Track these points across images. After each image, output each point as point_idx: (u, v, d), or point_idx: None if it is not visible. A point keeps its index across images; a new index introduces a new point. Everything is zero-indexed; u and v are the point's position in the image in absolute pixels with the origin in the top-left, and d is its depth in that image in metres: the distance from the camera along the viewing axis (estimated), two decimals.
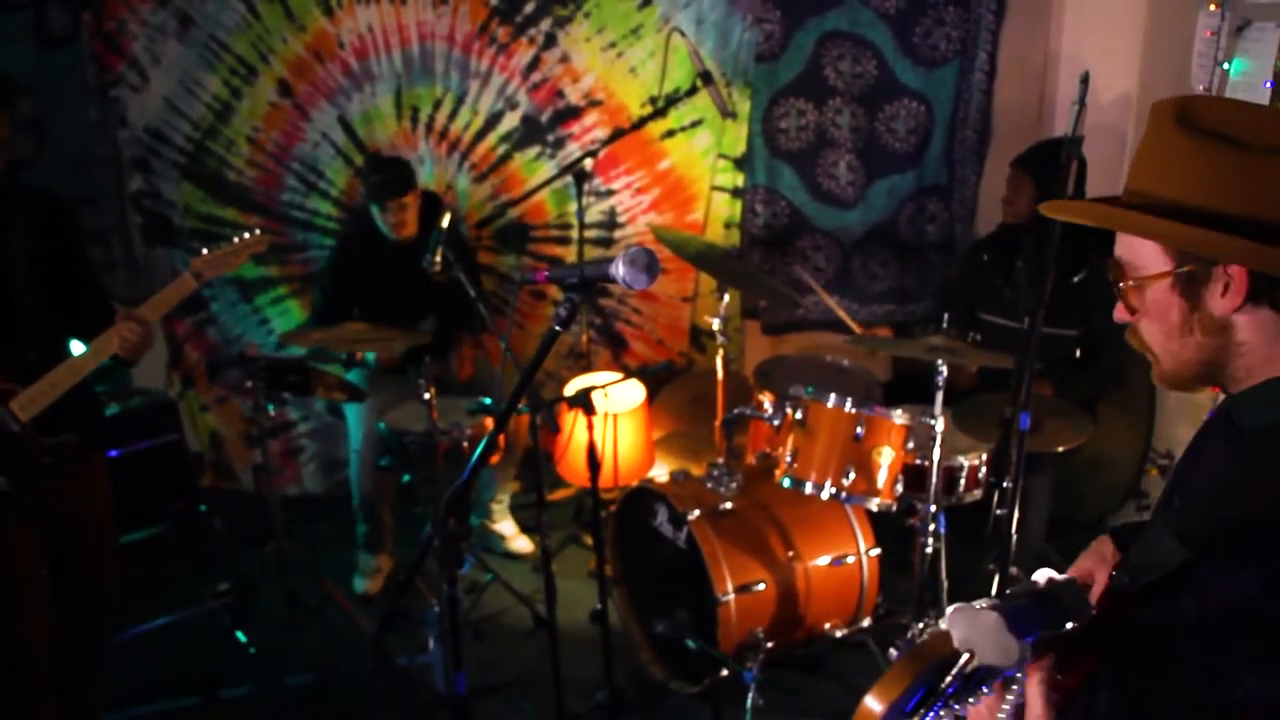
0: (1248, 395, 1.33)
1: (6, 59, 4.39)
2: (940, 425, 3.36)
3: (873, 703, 1.08)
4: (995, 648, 1.06)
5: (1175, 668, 1.24)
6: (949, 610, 1.09)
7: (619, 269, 1.80)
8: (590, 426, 3.42)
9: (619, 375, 4.19)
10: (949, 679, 1.07)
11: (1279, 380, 1.30)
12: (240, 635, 4.07)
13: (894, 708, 1.08)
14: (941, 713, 1.12)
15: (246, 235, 3.32)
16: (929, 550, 3.50)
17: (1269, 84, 3.86)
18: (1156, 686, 1.26)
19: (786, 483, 3.53)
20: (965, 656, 1.06)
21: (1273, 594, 1.15)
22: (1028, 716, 1.27)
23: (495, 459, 4.34)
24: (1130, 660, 1.30)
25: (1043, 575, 1.29)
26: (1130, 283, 1.37)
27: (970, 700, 1.12)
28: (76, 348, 2.98)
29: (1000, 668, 1.10)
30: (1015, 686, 1.16)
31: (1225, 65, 4.08)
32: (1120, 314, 1.42)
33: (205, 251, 3.24)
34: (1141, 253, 1.35)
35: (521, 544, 4.77)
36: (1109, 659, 1.32)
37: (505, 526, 4.81)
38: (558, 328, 1.91)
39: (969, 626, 1.06)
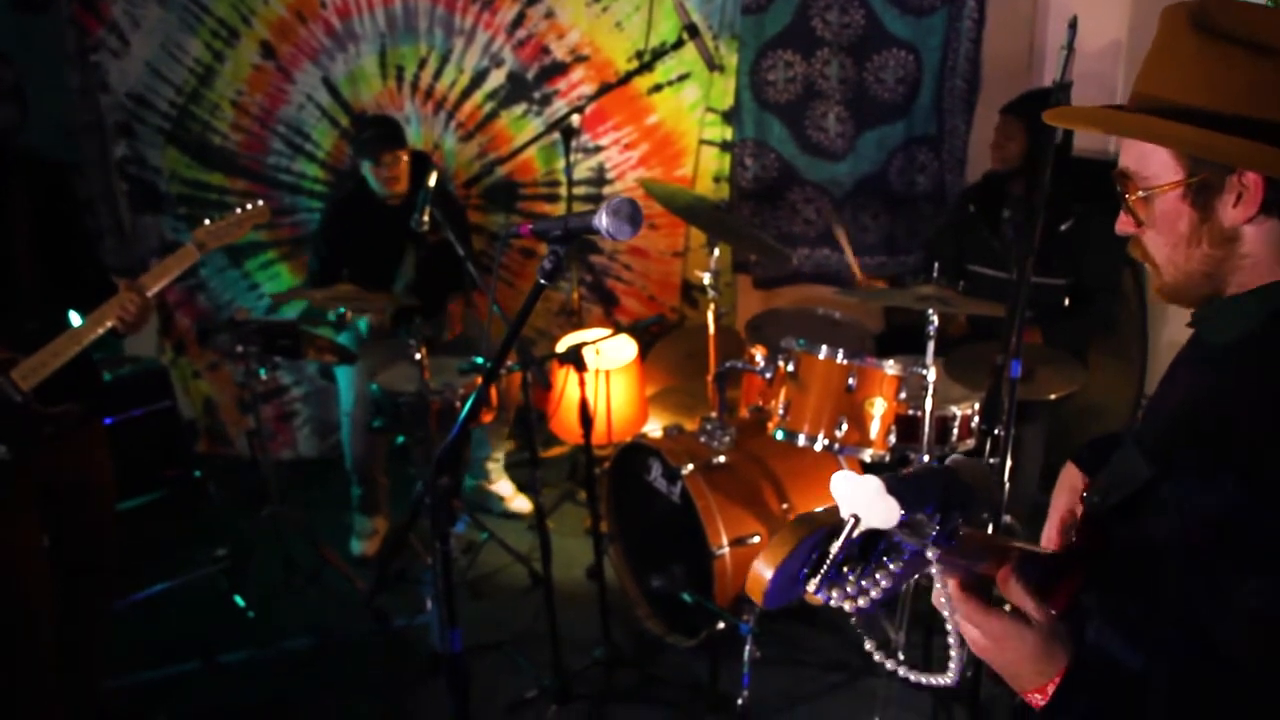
0: (1214, 312, 1.32)
1: None
2: (932, 375, 3.35)
3: (761, 566, 1.09)
4: (876, 509, 1.06)
5: (1162, 588, 1.23)
6: (834, 477, 1.09)
7: (602, 220, 1.78)
8: (582, 383, 3.41)
9: (610, 331, 4.17)
10: (837, 543, 1.07)
11: (1246, 295, 1.28)
12: (238, 599, 4.08)
13: (783, 571, 1.08)
14: (846, 588, 1.11)
15: (249, 206, 3.30)
16: None
17: None
18: (1146, 609, 1.25)
19: (779, 435, 3.52)
20: (851, 520, 1.07)
21: (1256, 501, 1.15)
22: (1031, 614, 1.25)
23: (488, 418, 4.34)
24: (1114, 583, 1.29)
25: (953, 461, 1.28)
26: (1140, 194, 1.32)
27: (877, 576, 1.12)
28: (75, 319, 2.96)
29: (902, 543, 1.10)
30: (928, 562, 1.16)
31: None
32: (1124, 225, 1.38)
33: (208, 222, 3.22)
34: (1152, 162, 1.30)
35: (520, 503, 4.78)
36: (1092, 583, 1.31)
37: (503, 486, 4.82)
38: (543, 280, 1.89)
39: (851, 490, 1.07)
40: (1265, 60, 1.21)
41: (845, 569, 1.11)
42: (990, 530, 3.53)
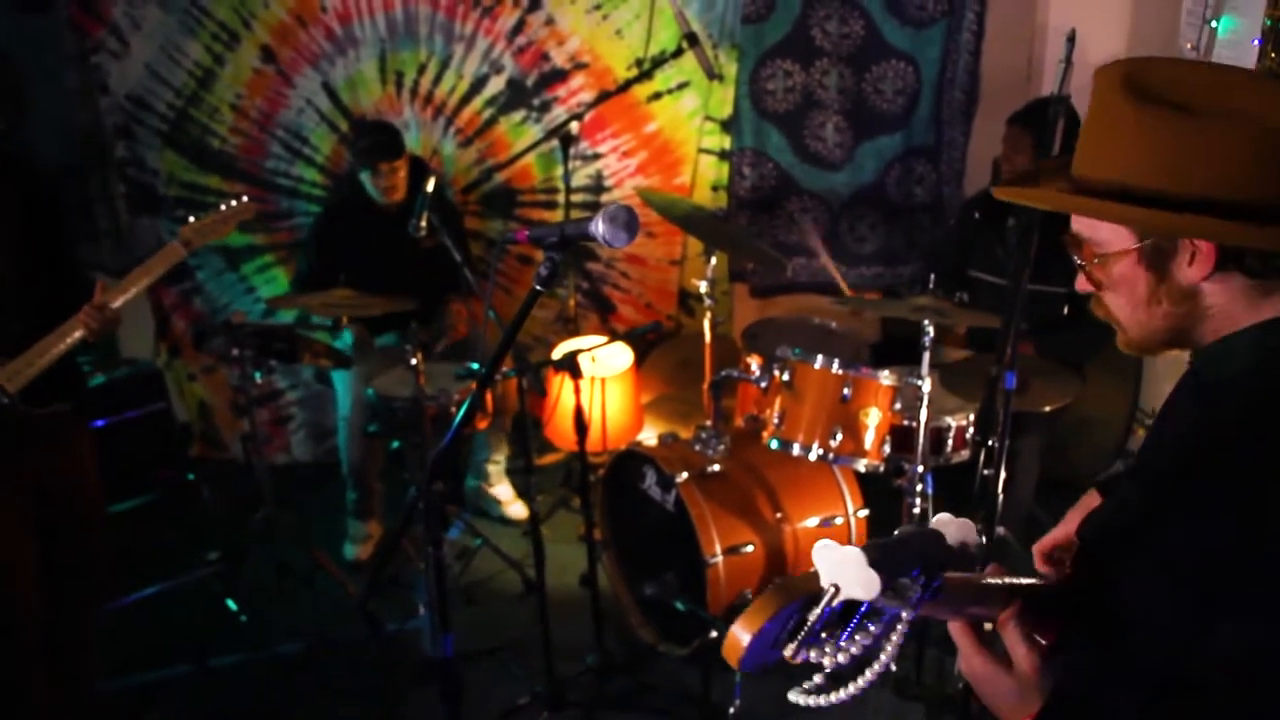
0: (1212, 350, 1.31)
1: None
2: (927, 386, 3.35)
3: (740, 631, 1.10)
4: (856, 581, 1.07)
5: (1144, 621, 1.21)
6: (815, 547, 1.09)
7: (598, 226, 1.79)
8: (578, 390, 3.41)
9: (606, 339, 4.18)
10: (816, 611, 1.08)
11: (1241, 333, 1.27)
12: (231, 603, 4.07)
13: (762, 636, 1.09)
14: (825, 649, 1.12)
15: (234, 203, 3.30)
16: (916, 511, 3.50)
17: (1257, 41, 3.84)
18: (1122, 644, 1.23)
19: (774, 444, 3.53)
20: (830, 590, 1.07)
21: (1241, 543, 1.14)
22: (1015, 660, 1.27)
23: (483, 424, 4.34)
24: (1096, 617, 1.28)
25: (936, 522, 1.29)
26: (1094, 260, 1.34)
27: (857, 638, 1.13)
28: None
29: (880, 607, 1.11)
30: (900, 627, 1.17)
31: (1213, 23, 4.05)
32: (1083, 285, 1.40)
33: (193, 219, 3.23)
34: (1102, 229, 1.32)
35: (517, 509, 4.77)
36: (1078, 616, 1.31)
37: (502, 490, 4.81)
38: (539, 287, 1.90)
39: (831, 561, 1.08)
40: (1197, 124, 1.21)
41: (824, 633, 1.12)
42: (984, 542, 3.54)
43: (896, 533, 1.16)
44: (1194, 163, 1.22)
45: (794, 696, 1.17)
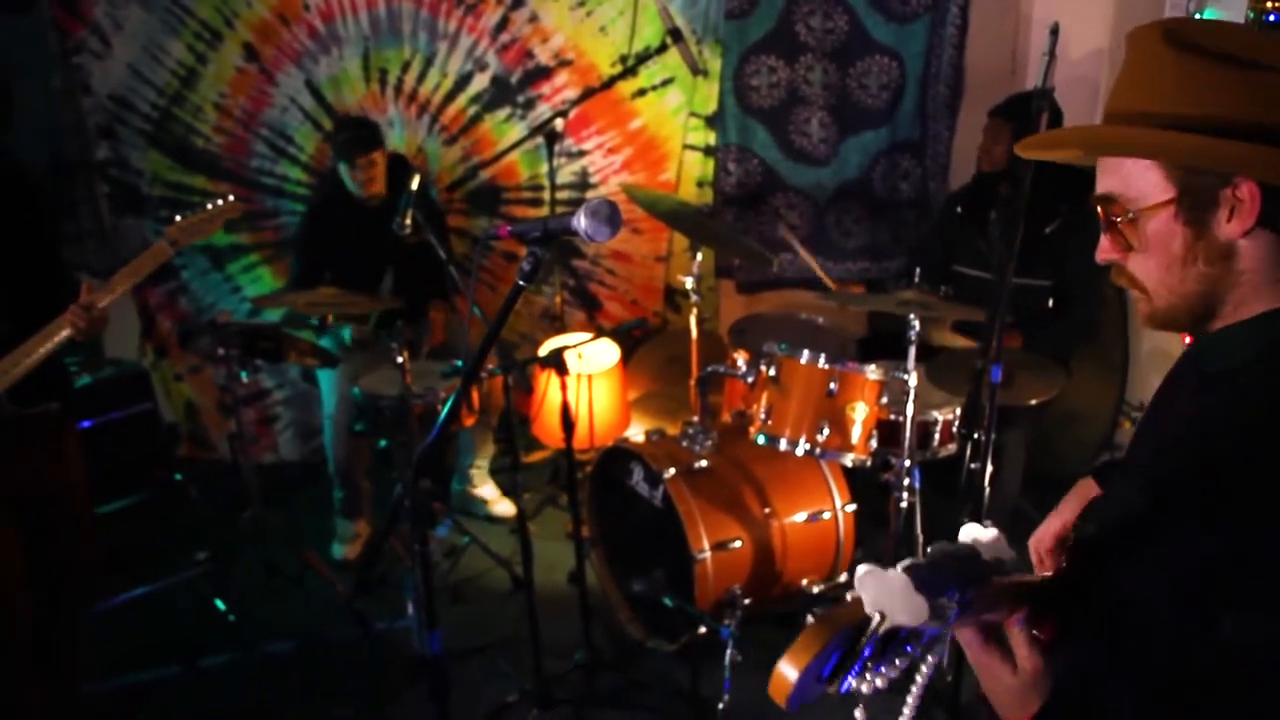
0: (1213, 339, 1.27)
1: None
2: (913, 380, 3.36)
3: (787, 669, 1.07)
4: (904, 608, 1.05)
5: (1144, 619, 1.20)
6: (858, 573, 1.08)
7: (580, 221, 1.78)
8: (564, 387, 3.40)
9: (592, 335, 4.17)
10: (864, 640, 1.06)
11: (1245, 324, 1.24)
12: (219, 603, 4.06)
13: (808, 672, 1.06)
14: (866, 676, 1.11)
15: (220, 201, 3.30)
16: (904, 505, 3.51)
17: None
18: (1121, 643, 1.23)
19: (761, 440, 3.53)
20: (876, 618, 1.06)
21: (1252, 540, 1.12)
22: (1018, 661, 1.25)
23: (470, 421, 4.33)
24: (1093, 618, 1.27)
25: (966, 534, 1.27)
26: (1127, 216, 1.25)
27: (897, 661, 1.12)
28: None
29: (916, 628, 1.09)
30: (938, 646, 1.16)
31: (1196, 15, 4.07)
32: (1106, 253, 1.32)
33: (179, 219, 3.22)
34: (1138, 181, 1.24)
35: (504, 507, 4.77)
36: (1075, 615, 1.30)
37: (487, 490, 4.81)
38: (522, 282, 1.89)
39: (878, 589, 1.06)
40: (1247, 72, 1.18)
41: (869, 659, 1.10)
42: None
43: (931, 550, 1.14)
44: (1240, 99, 1.18)
45: None
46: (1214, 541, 1.14)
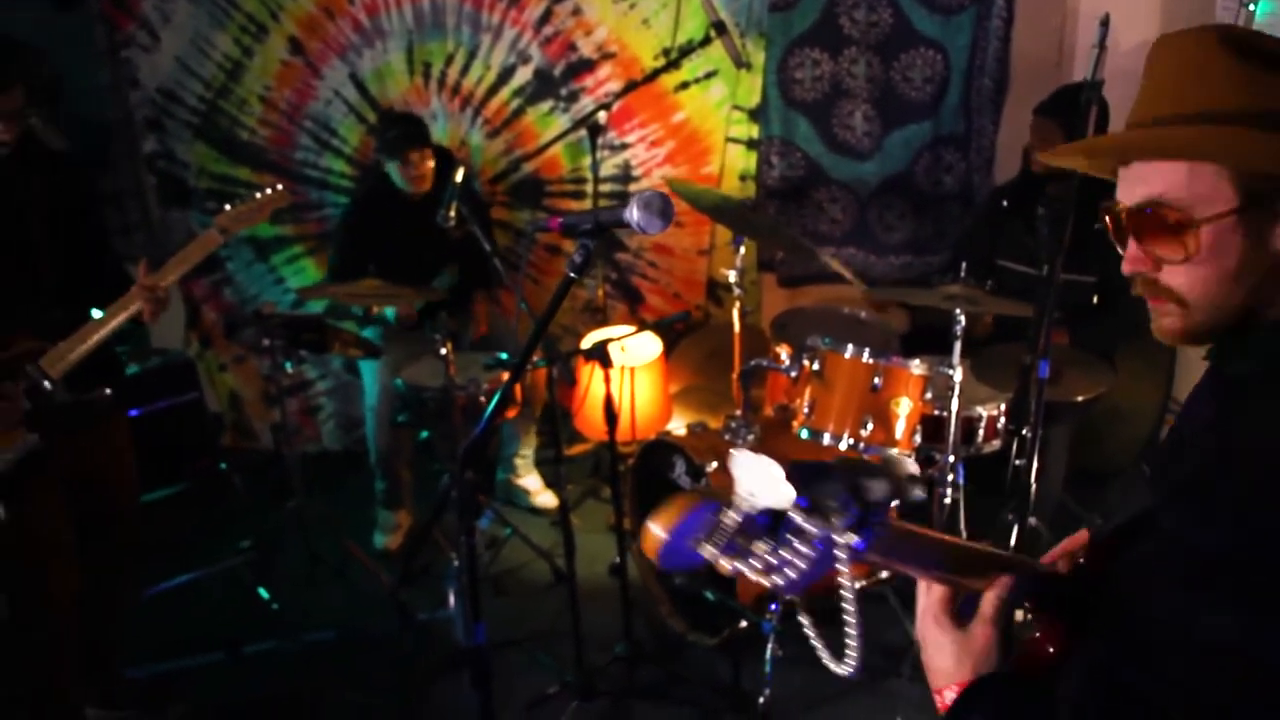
0: (1234, 343, 1.21)
1: (18, 24, 4.38)
2: (958, 375, 3.34)
3: (654, 526, 1.10)
4: (770, 490, 1.06)
5: (1158, 631, 1.17)
6: (731, 453, 1.08)
7: (633, 213, 1.78)
8: (607, 380, 3.41)
9: (635, 329, 4.17)
10: (731, 513, 1.07)
11: (1271, 328, 1.19)
12: (263, 592, 4.10)
13: (678, 534, 1.09)
14: (740, 556, 1.09)
15: (268, 190, 3.33)
16: (947, 501, 3.49)
17: None
18: (1136, 652, 1.20)
19: (804, 434, 3.51)
20: (742, 494, 1.07)
21: (1246, 546, 1.08)
22: (971, 626, 1.26)
23: (513, 413, 4.34)
24: (1111, 621, 1.25)
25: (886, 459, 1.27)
26: (1193, 224, 1.15)
27: (782, 551, 1.10)
28: (95, 313, 2.99)
29: (806, 527, 1.07)
30: (848, 552, 1.14)
31: (1251, 6, 4.00)
32: (1138, 264, 1.24)
33: (229, 207, 3.25)
34: (1197, 184, 1.14)
35: (546, 499, 4.79)
36: (1094, 615, 1.27)
37: (530, 481, 4.82)
38: (572, 274, 1.89)
39: (746, 468, 1.07)
40: None
41: (749, 543, 1.10)
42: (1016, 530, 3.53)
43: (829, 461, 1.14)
44: None
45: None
46: (1218, 541, 1.11)
